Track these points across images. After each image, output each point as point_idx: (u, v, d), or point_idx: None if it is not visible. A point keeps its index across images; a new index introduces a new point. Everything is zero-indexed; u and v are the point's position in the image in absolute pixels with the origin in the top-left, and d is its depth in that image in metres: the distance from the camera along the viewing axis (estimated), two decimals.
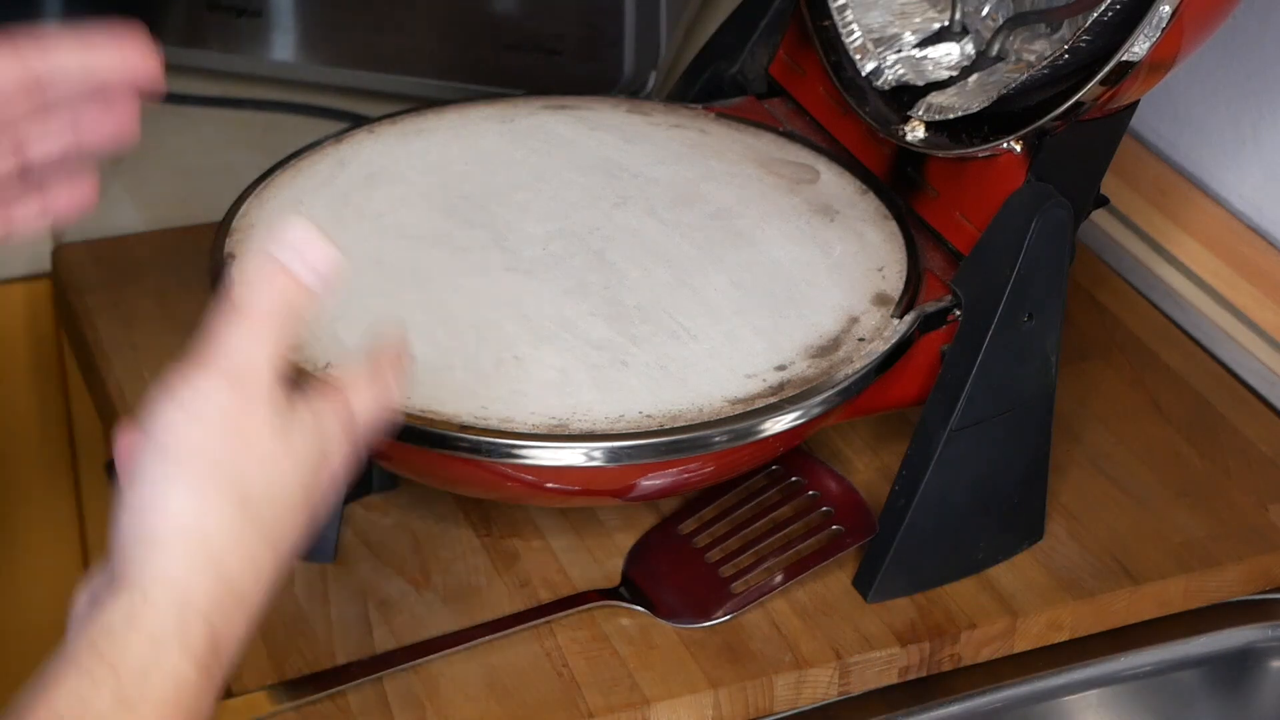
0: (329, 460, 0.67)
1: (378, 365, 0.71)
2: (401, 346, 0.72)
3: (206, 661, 0.62)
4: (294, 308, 0.66)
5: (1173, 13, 0.81)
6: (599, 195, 0.96)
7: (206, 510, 0.62)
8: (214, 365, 0.64)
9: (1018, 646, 0.89)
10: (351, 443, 0.68)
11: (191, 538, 0.62)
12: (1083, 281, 1.12)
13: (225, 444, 0.63)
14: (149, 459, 0.63)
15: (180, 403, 0.64)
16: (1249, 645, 0.93)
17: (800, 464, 0.94)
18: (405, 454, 0.83)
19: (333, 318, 0.86)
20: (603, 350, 0.86)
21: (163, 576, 0.61)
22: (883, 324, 0.88)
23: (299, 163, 0.97)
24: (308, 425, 0.66)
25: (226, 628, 0.63)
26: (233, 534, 0.63)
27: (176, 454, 0.63)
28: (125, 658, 0.60)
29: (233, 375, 0.64)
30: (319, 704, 0.82)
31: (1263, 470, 0.99)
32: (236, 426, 0.64)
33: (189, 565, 0.62)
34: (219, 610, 0.62)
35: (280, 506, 0.65)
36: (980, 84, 0.94)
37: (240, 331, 0.65)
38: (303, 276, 0.66)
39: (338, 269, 0.67)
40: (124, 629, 0.60)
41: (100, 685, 0.59)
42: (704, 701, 0.84)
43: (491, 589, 0.89)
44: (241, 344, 0.65)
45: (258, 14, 1.22)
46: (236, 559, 0.63)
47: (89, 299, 1.06)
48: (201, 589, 0.62)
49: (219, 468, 0.63)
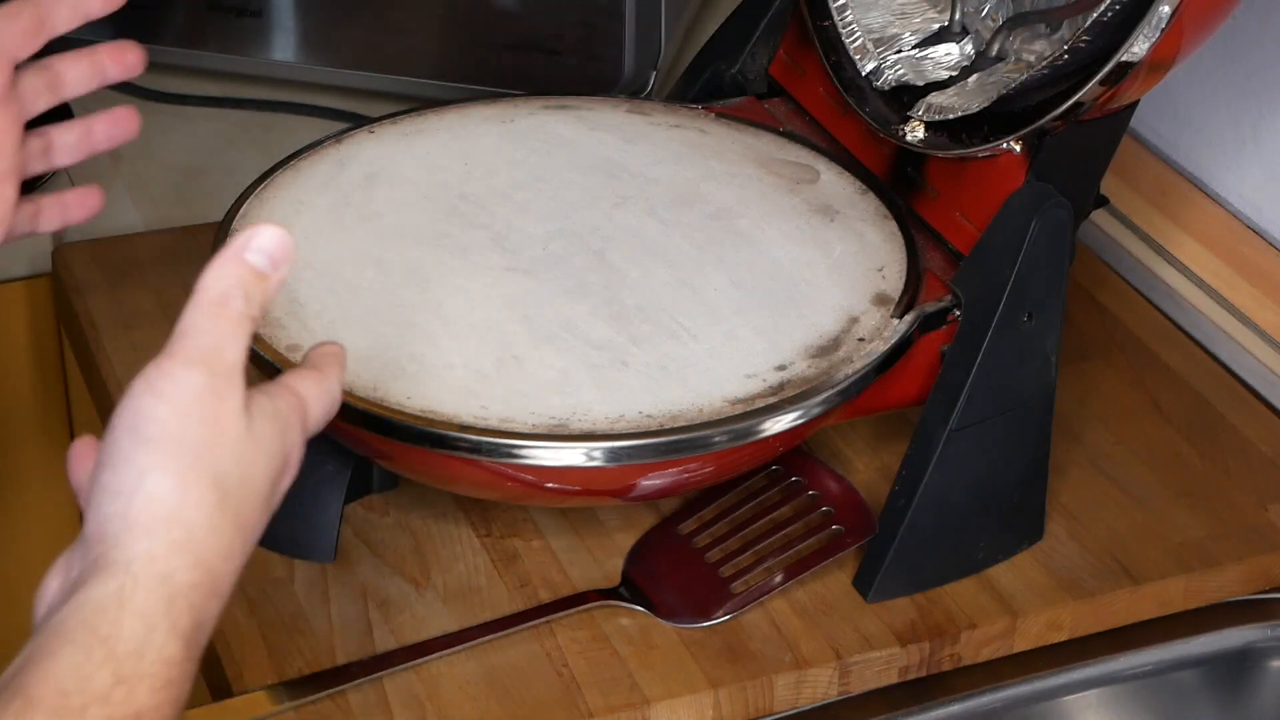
0: (288, 450, 0.69)
1: (321, 362, 0.74)
2: (340, 346, 0.75)
3: (190, 641, 0.63)
4: (250, 292, 0.67)
5: (1173, 13, 0.81)
6: (599, 195, 0.96)
7: (185, 496, 0.64)
8: (187, 355, 0.66)
9: (1018, 646, 0.89)
10: (305, 435, 0.71)
11: (174, 522, 0.63)
12: (1083, 281, 1.12)
13: (202, 431, 0.65)
14: (127, 444, 0.64)
15: (157, 391, 0.65)
16: (1249, 645, 0.93)
17: (800, 464, 0.94)
18: (405, 454, 0.83)
19: (333, 318, 0.86)
20: (603, 350, 0.86)
21: (148, 560, 0.62)
22: (883, 324, 0.88)
23: (299, 163, 0.97)
24: (269, 415, 0.68)
25: (205, 611, 0.64)
26: (210, 519, 0.64)
27: (154, 439, 0.64)
28: (120, 636, 0.61)
29: (205, 365, 0.65)
30: (319, 704, 0.82)
31: (1263, 470, 0.99)
32: (212, 415, 0.65)
33: (171, 550, 0.63)
34: (199, 593, 0.63)
35: (249, 495, 0.66)
36: (980, 84, 0.94)
37: (208, 322, 0.66)
38: (255, 262, 0.68)
39: (288, 250, 0.69)
40: (116, 609, 0.61)
41: (99, 663, 0.60)
42: (704, 701, 0.84)
43: (491, 589, 0.89)
44: (211, 334, 0.66)
45: (258, 14, 1.22)
46: (213, 545, 0.64)
47: (89, 299, 1.06)
48: (184, 574, 0.63)
49: (196, 455, 0.64)
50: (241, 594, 0.87)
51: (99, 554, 0.63)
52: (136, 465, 0.64)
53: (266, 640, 0.85)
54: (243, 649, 0.85)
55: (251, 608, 0.87)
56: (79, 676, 0.59)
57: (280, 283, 0.69)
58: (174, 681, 0.62)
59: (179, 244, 1.11)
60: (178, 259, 1.09)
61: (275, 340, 0.85)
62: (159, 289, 1.06)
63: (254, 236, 0.68)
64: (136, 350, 1.02)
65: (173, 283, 1.06)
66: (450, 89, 1.20)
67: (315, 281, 0.89)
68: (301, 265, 0.90)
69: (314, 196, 0.94)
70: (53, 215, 0.90)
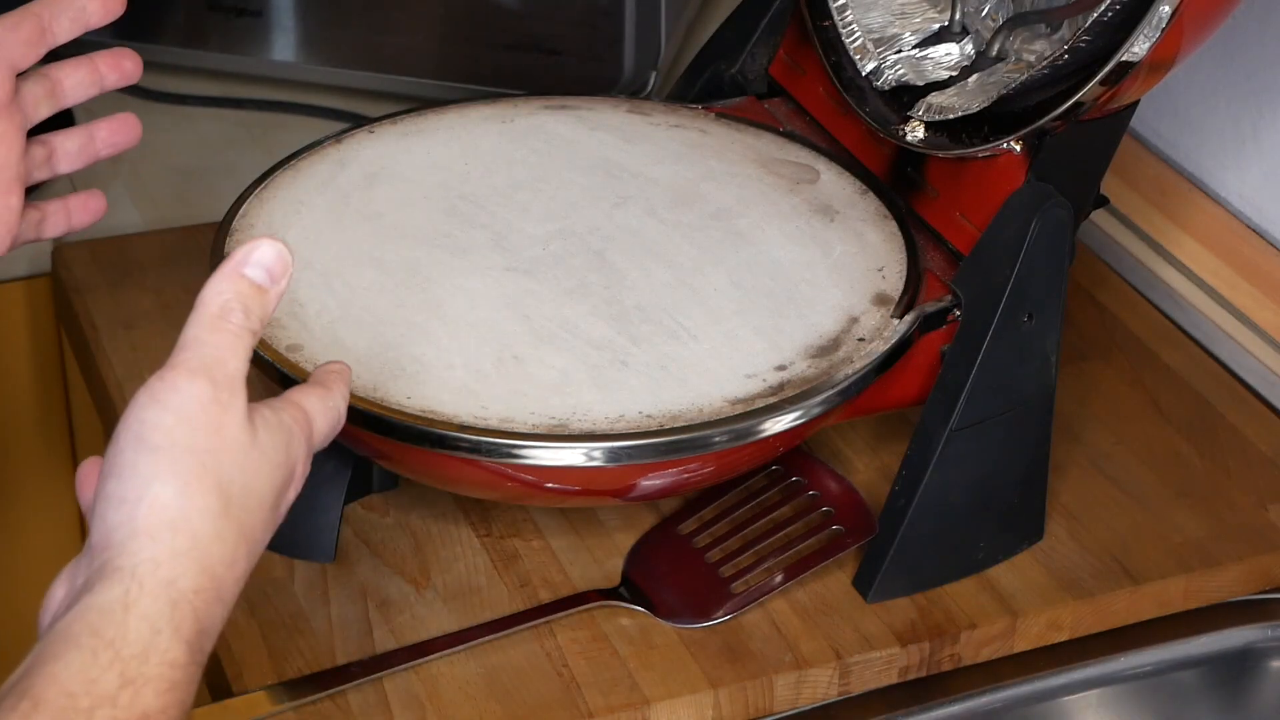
0: (293, 463, 0.70)
1: (327, 379, 0.75)
2: (345, 365, 0.77)
3: (194, 646, 0.63)
4: (250, 305, 0.69)
5: (1173, 13, 0.81)
6: (599, 195, 0.96)
7: (190, 503, 0.64)
8: (191, 366, 0.66)
9: (1018, 646, 0.89)
10: (310, 449, 0.72)
11: (179, 529, 0.64)
12: (1083, 281, 1.12)
13: (206, 441, 0.65)
14: (132, 453, 0.65)
15: (161, 401, 0.66)
16: (1249, 645, 0.93)
17: (800, 464, 0.94)
18: (405, 454, 0.83)
19: (333, 318, 0.86)
20: (603, 350, 0.86)
21: (153, 566, 0.63)
22: (883, 324, 0.88)
23: (299, 163, 0.97)
24: (275, 430, 0.69)
25: (209, 617, 0.64)
26: (215, 527, 0.65)
27: (159, 448, 0.65)
28: (126, 639, 0.61)
29: (209, 376, 0.66)
30: (319, 704, 0.82)
31: (1263, 470, 0.99)
32: (216, 425, 0.66)
33: (176, 556, 0.63)
34: (203, 600, 0.64)
35: (253, 504, 0.67)
36: (980, 84, 0.94)
37: (211, 335, 0.68)
38: (254, 276, 0.69)
39: (286, 264, 0.70)
40: (122, 612, 0.62)
41: (106, 665, 0.60)
42: (704, 701, 0.84)
43: (491, 589, 0.89)
44: (214, 347, 0.67)
45: (258, 14, 1.22)
46: (217, 552, 0.65)
47: (89, 299, 1.06)
48: (188, 578, 0.64)
49: (201, 464, 0.65)
50: (241, 594, 0.86)
51: (104, 560, 0.63)
52: (141, 473, 0.64)
53: (266, 640, 0.85)
54: (243, 649, 0.85)
55: (251, 608, 0.87)
56: (85, 679, 0.60)
57: (279, 296, 0.70)
58: (179, 685, 0.62)
59: (179, 244, 1.11)
60: (178, 259, 1.09)
61: (275, 340, 0.85)
62: (159, 289, 1.06)
63: (252, 251, 0.69)
64: (136, 350, 1.02)
65: (173, 283, 1.06)
66: (450, 89, 1.20)
67: (315, 281, 0.89)
68: (301, 265, 0.90)
69: (314, 196, 0.94)
70: (58, 221, 0.91)
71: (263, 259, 0.69)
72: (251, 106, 1.25)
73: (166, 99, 1.25)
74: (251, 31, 1.23)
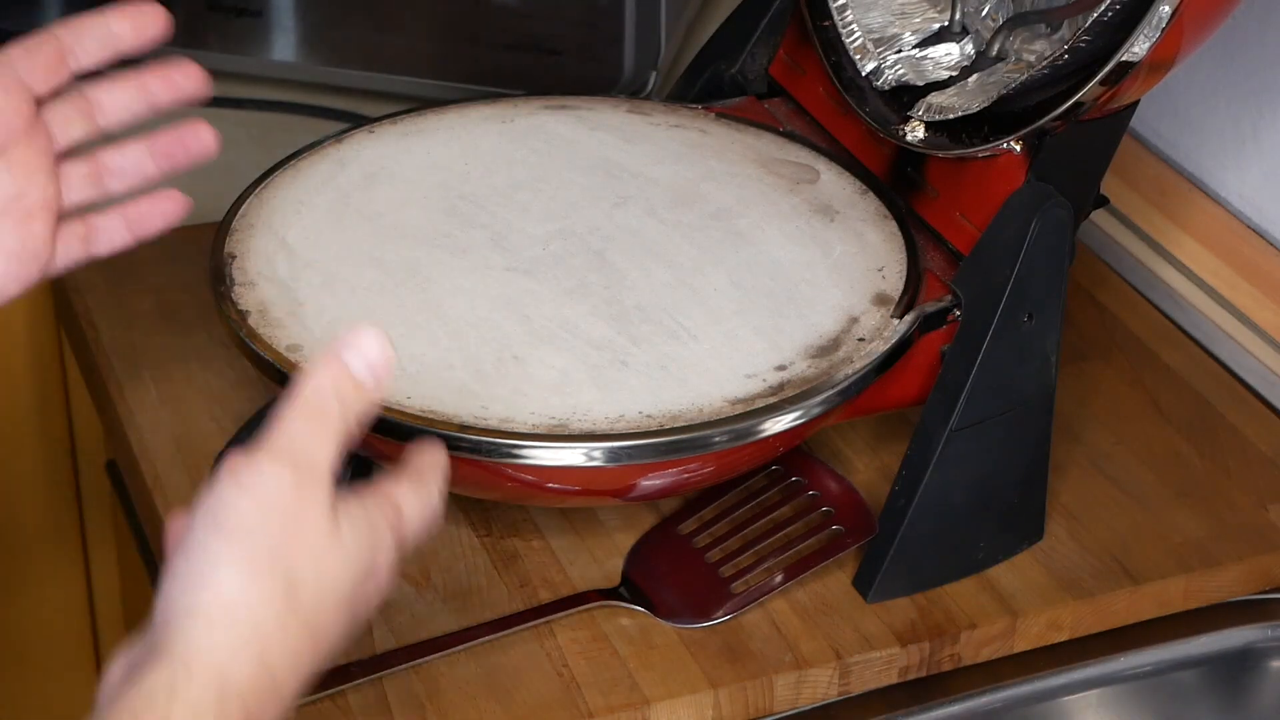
0: (377, 562, 0.68)
1: (421, 471, 0.72)
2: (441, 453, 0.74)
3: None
4: (347, 401, 0.68)
5: (1173, 13, 0.81)
6: (599, 195, 0.96)
7: (254, 591, 0.63)
8: (277, 452, 0.65)
9: (1018, 646, 0.89)
10: (400, 548, 0.69)
11: (237, 616, 0.62)
12: (1083, 281, 1.12)
13: (281, 530, 0.64)
14: (204, 533, 0.64)
15: (242, 484, 0.64)
16: (1249, 645, 0.93)
17: (800, 464, 0.94)
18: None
19: (333, 319, 0.86)
20: (603, 350, 0.86)
21: (206, 652, 0.61)
22: (883, 324, 0.88)
23: (299, 163, 0.97)
24: (359, 525, 0.67)
25: (260, 713, 0.62)
26: (277, 620, 0.63)
27: (232, 532, 0.63)
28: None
29: (294, 464, 0.65)
30: (319, 704, 0.82)
31: (1263, 470, 0.99)
32: (294, 514, 0.64)
33: (232, 644, 0.62)
34: (255, 694, 0.62)
35: (326, 600, 0.65)
36: (980, 84, 0.94)
37: (303, 423, 0.66)
38: (359, 373, 0.68)
39: (390, 360, 0.69)
40: (166, 700, 0.60)
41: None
42: (704, 701, 0.84)
43: (491, 589, 0.89)
44: (304, 435, 0.66)
45: (258, 14, 1.22)
46: (278, 645, 0.63)
47: (89, 299, 1.06)
48: (242, 670, 0.62)
49: (272, 552, 0.63)
50: None
51: (158, 641, 0.62)
52: (210, 555, 0.63)
53: None
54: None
55: None
56: None
57: (378, 395, 0.69)
58: None
59: (179, 244, 1.10)
60: (178, 259, 1.08)
61: (275, 340, 0.85)
62: (159, 289, 1.06)
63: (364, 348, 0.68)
64: (136, 350, 1.02)
65: (173, 283, 1.06)
66: (450, 89, 1.20)
67: (315, 281, 0.89)
68: (301, 265, 0.90)
69: (314, 196, 0.94)
70: (113, 233, 0.83)
71: (367, 352, 0.68)
72: (251, 106, 1.25)
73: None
74: (251, 31, 1.23)
